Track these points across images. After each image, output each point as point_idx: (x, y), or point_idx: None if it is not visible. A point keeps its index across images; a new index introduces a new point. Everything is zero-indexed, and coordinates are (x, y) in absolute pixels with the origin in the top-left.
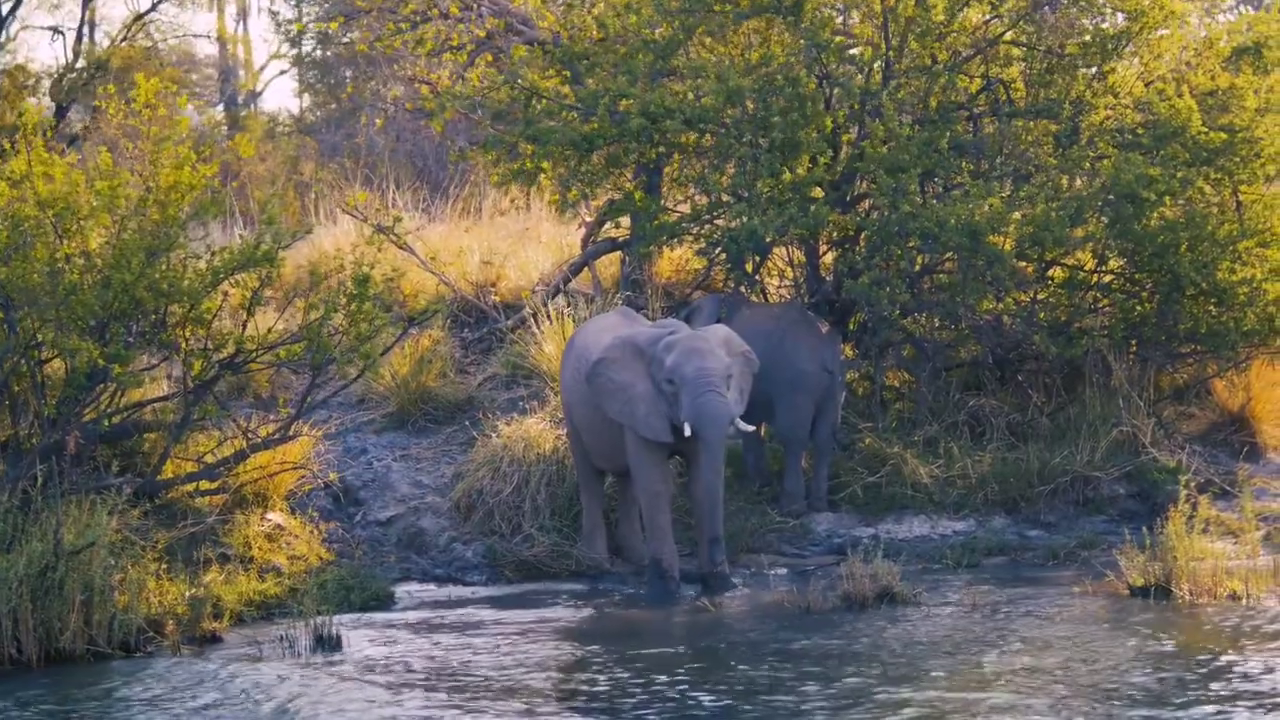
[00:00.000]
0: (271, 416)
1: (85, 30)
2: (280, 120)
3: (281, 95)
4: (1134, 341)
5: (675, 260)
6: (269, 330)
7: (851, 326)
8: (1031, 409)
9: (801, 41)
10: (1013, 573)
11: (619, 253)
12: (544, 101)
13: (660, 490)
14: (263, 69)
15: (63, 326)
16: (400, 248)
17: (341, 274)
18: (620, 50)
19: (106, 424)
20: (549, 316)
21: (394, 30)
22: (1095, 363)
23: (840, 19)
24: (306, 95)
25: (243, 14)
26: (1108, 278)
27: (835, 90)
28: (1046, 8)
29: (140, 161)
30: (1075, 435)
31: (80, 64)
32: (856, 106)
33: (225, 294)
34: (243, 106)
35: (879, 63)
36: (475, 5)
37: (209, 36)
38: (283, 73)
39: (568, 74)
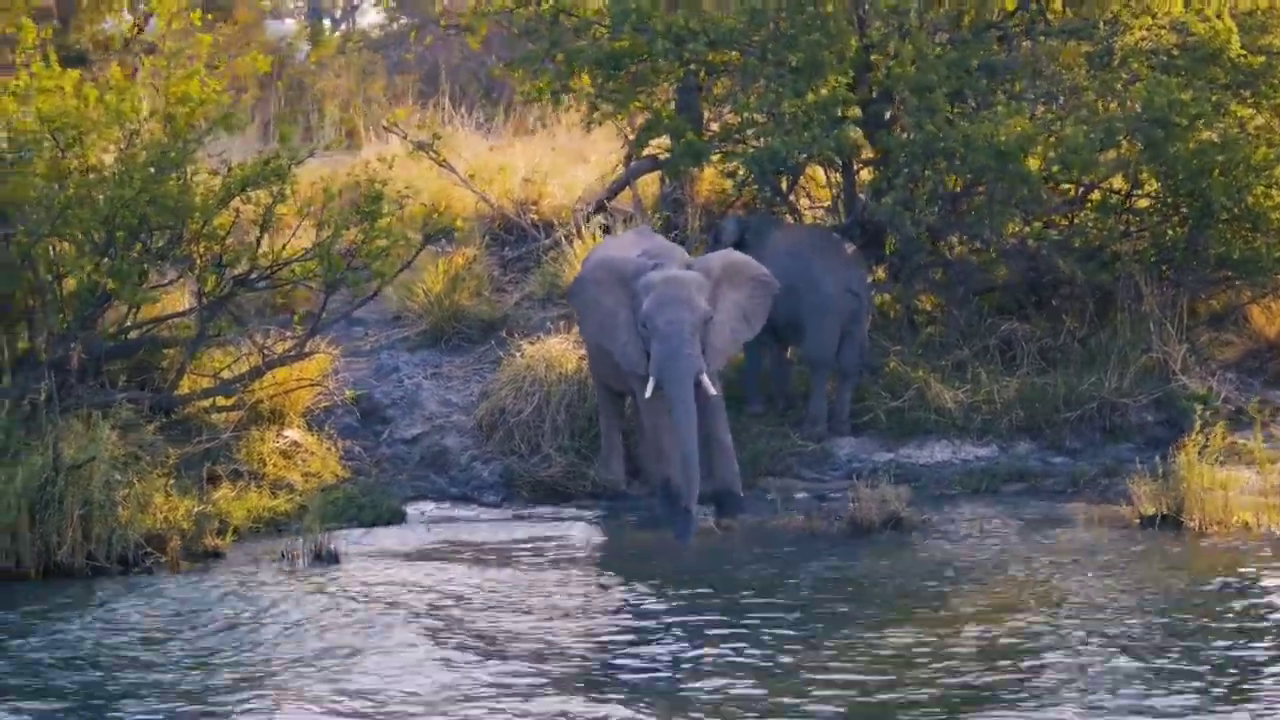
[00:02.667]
0: (288, 333)
1: None
2: (351, 36)
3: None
4: (1165, 266)
5: (714, 179)
6: (283, 246)
7: (888, 250)
8: (1064, 334)
9: None
10: (1029, 499)
11: (661, 171)
12: (572, 18)
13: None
14: None
15: (71, 242)
16: (440, 164)
17: (355, 191)
18: None
19: (124, 338)
20: (582, 235)
21: None
22: (1128, 288)
23: None
24: (380, 10)
25: None
26: (1142, 202)
27: (869, 8)
28: None
29: (157, 76)
30: (1105, 361)
31: None
32: (897, 24)
33: (237, 210)
34: (341, 22)
35: None
36: None
37: None
38: None
39: None
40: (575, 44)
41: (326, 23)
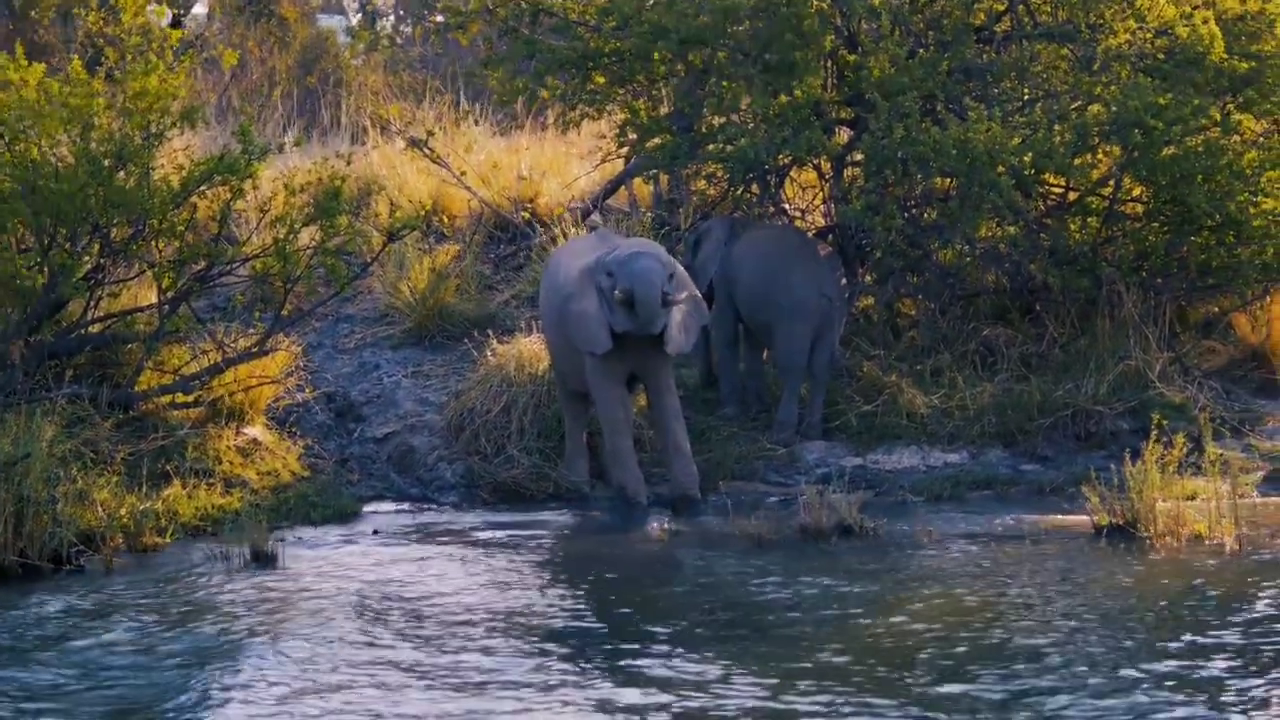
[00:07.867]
0: (250, 330)
1: None
2: (381, 33)
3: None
4: (1146, 273)
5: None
6: (243, 243)
7: (879, 253)
8: (1046, 340)
9: None
10: (993, 507)
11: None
12: (552, 18)
13: (619, 415)
14: None
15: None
16: (434, 161)
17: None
18: None
19: (82, 333)
20: (566, 234)
21: None
22: (1111, 295)
23: None
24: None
25: None
26: (1129, 207)
27: (849, 10)
28: None
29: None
30: (1083, 368)
31: None
32: (880, 24)
33: (194, 206)
34: (382, 18)
35: None
36: None
37: None
38: None
39: None
40: (551, 44)
41: (389, 21)
